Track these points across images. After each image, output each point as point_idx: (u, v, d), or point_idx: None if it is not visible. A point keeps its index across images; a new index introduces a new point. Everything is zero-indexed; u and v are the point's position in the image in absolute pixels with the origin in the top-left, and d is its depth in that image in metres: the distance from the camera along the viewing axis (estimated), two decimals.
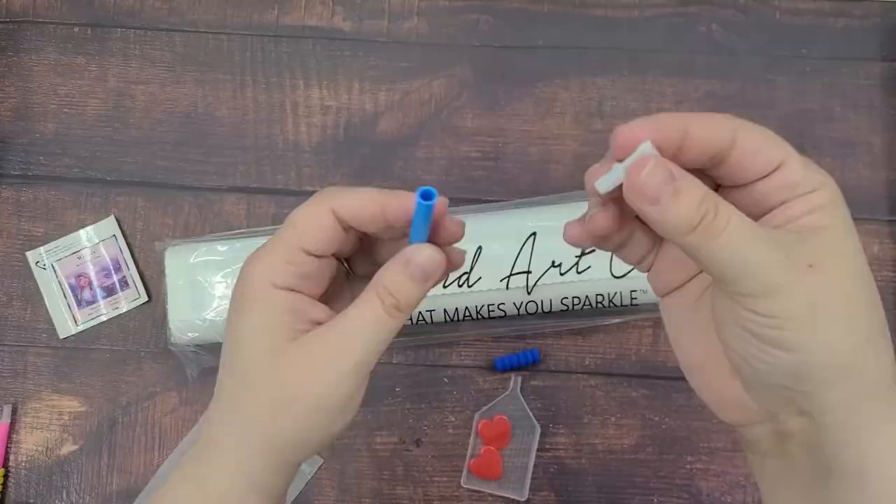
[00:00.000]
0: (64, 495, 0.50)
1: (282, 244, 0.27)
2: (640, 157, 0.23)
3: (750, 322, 0.23)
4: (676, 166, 0.23)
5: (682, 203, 0.22)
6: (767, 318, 0.22)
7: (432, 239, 0.28)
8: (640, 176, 0.22)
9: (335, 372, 0.27)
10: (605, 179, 0.24)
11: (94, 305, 0.51)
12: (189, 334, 0.47)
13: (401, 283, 0.27)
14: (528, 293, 0.46)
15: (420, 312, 0.46)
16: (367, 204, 0.27)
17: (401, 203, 0.27)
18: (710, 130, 0.24)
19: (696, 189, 0.22)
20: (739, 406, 0.25)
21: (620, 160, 0.23)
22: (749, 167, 0.24)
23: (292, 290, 0.27)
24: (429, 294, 0.45)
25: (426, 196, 0.26)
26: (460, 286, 0.45)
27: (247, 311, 0.27)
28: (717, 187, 0.25)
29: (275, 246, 0.27)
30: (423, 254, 0.27)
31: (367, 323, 0.27)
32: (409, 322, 0.47)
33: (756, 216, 0.24)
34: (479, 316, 0.47)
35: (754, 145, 0.24)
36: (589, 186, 0.25)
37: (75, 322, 0.51)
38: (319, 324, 0.28)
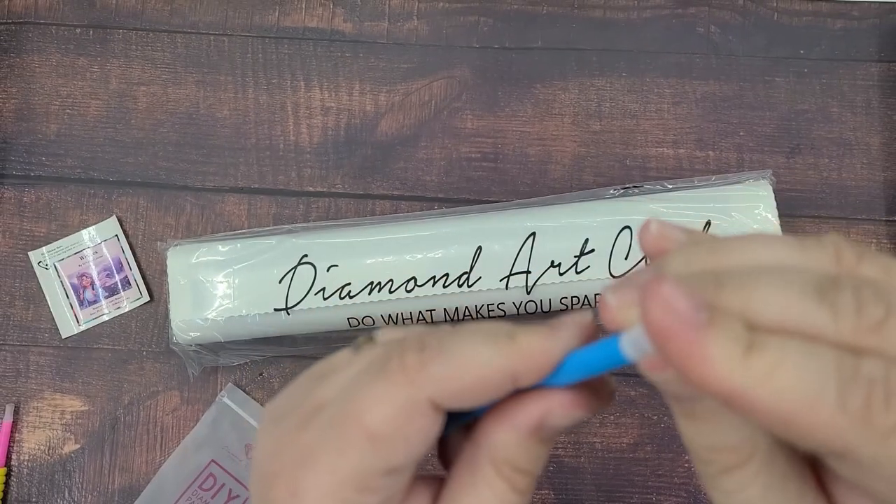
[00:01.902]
0: (66, 494, 0.50)
1: (352, 466, 0.18)
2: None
3: None
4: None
5: (692, 427, 0.17)
6: None
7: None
8: None
9: None
10: (630, 342, 0.17)
11: (96, 305, 0.52)
12: (191, 334, 0.47)
13: (530, 452, 0.19)
14: (528, 293, 0.46)
15: (420, 312, 0.47)
16: (488, 380, 0.18)
17: (544, 363, 0.18)
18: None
19: (717, 432, 0.17)
20: None
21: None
22: (860, 484, 0.16)
23: None
24: (429, 294, 0.46)
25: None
26: (460, 286, 0.46)
27: None
28: None
29: (339, 464, 0.18)
30: (560, 412, 0.19)
31: None
32: (410, 321, 0.47)
33: None
34: (479, 315, 0.48)
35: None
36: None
37: (77, 322, 0.52)
38: None
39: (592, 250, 0.45)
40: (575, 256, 0.46)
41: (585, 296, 0.47)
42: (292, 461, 0.18)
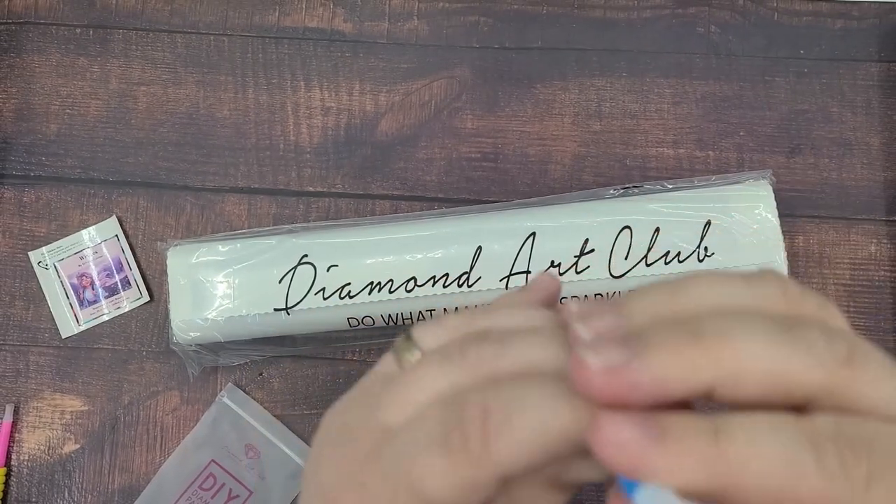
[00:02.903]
0: (66, 494, 0.50)
1: None
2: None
3: None
4: None
5: None
6: None
7: None
8: None
9: None
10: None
11: (96, 305, 0.52)
12: (191, 334, 0.47)
13: (547, 497, 0.20)
14: None
15: (420, 312, 0.47)
16: (556, 449, 0.17)
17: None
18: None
19: None
20: None
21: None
22: None
23: None
24: (429, 294, 0.46)
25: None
26: (460, 286, 0.46)
27: None
28: None
29: None
30: (578, 466, 0.19)
31: None
32: (410, 321, 0.47)
33: None
34: None
35: None
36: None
37: (77, 322, 0.52)
38: None
39: (592, 250, 0.45)
40: (575, 256, 0.46)
41: (585, 296, 0.47)
42: (353, 499, 0.18)
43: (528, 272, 0.46)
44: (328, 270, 0.46)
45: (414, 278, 0.45)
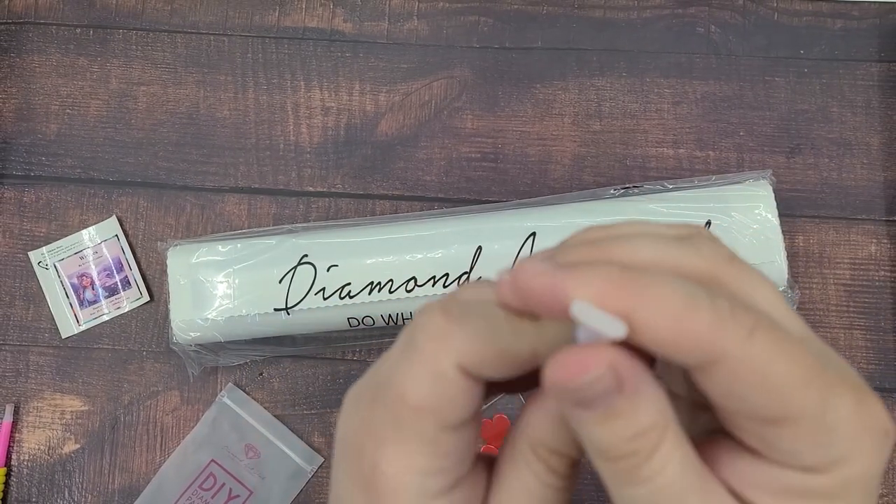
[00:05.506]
0: (66, 494, 0.50)
1: (414, 437, 0.19)
2: (593, 341, 0.16)
3: None
4: (635, 364, 0.17)
5: (611, 427, 0.17)
6: None
7: None
8: (579, 375, 0.16)
9: None
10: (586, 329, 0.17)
11: (96, 305, 0.52)
12: (191, 334, 0.47)
13: (562, 434, 0.19)
14: None
15: None
16: (504, 352, 0.18)
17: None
18: (665, 329, 0.16)
19: (638, 415, 0.16)
20: None
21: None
22: (738, 403, 0.17)
23: (454, 487, 0.20)
24: (429, 294, 0.46)
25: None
26: (460, 286, 0.46)
27: None
28: None
29: (403, 441, 0.19)
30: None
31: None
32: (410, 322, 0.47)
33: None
34: None
35: (753, 377, 0.16)
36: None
37: (77, 322, 0.52)
38: None
39: None
40: None
41: None
42: (370, 440, 0.19)
43: None
44: (328, 270, 0.46)
45: (414, 278, 0.46)
